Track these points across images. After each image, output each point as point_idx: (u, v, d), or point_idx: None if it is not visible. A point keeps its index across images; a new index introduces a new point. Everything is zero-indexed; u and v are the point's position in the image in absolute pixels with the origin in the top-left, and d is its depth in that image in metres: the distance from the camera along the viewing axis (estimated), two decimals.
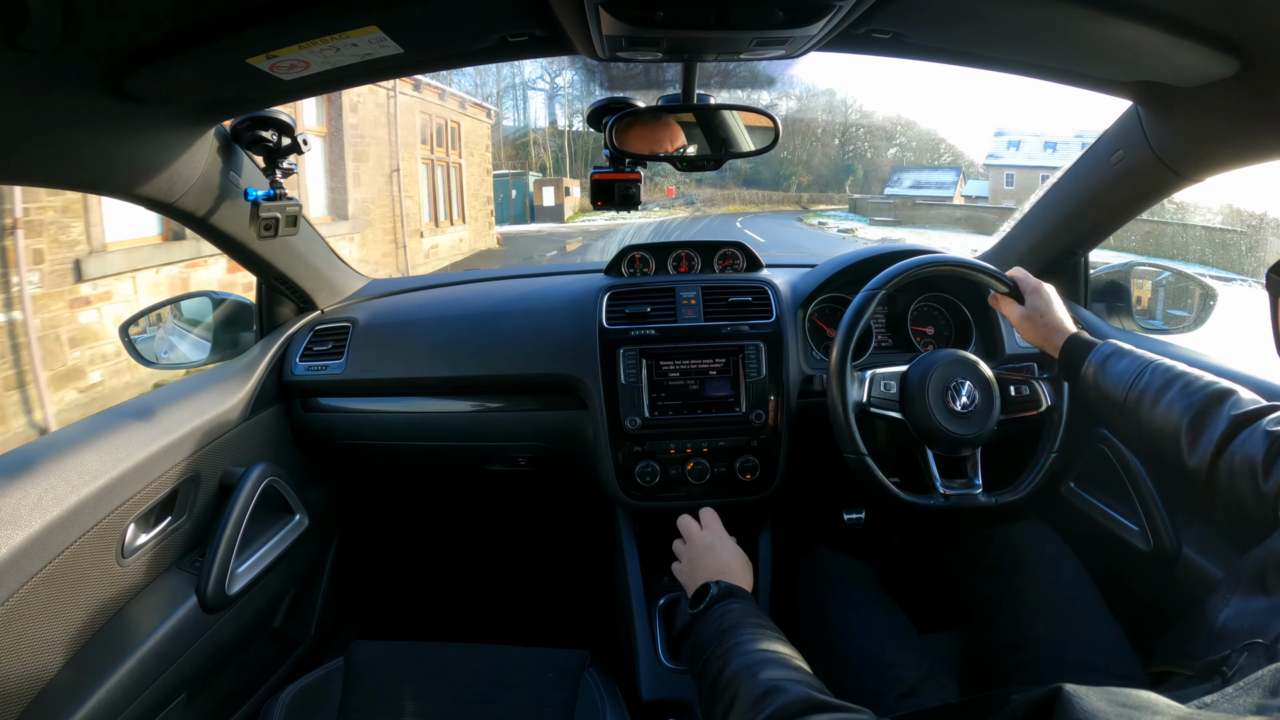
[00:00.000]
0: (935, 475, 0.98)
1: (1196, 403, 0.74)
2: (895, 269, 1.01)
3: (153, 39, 0.62)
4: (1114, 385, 0.82)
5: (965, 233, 17.76)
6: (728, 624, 0.67)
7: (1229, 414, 0.71)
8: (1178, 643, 0.62)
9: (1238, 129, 0.80)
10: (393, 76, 0.85)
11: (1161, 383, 0.78)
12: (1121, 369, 0.82)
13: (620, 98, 0.94)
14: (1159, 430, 0.77)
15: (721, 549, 0.86)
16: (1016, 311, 0.97)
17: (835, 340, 1.00)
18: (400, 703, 0.89)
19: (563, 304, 1.23)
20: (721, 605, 0.71)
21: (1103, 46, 0.74)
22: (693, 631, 0.72)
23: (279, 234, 0.99)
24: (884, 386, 1.01)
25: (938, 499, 0.97)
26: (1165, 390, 0.77)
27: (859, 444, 0.97)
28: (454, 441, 1.27)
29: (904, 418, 0.99)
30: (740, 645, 0.63)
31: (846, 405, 0.98)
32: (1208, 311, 1.18)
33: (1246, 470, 0.66)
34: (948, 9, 0.70)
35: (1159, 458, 0.77)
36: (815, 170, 39.71)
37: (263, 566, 1.02)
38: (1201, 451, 0.71)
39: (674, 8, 0.63)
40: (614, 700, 0.88)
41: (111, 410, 0.94)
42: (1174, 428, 0.74)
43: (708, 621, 0.70)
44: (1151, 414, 0.77)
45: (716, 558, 0.85)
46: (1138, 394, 0.79)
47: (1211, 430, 0.71)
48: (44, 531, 0.72)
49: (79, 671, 0.76)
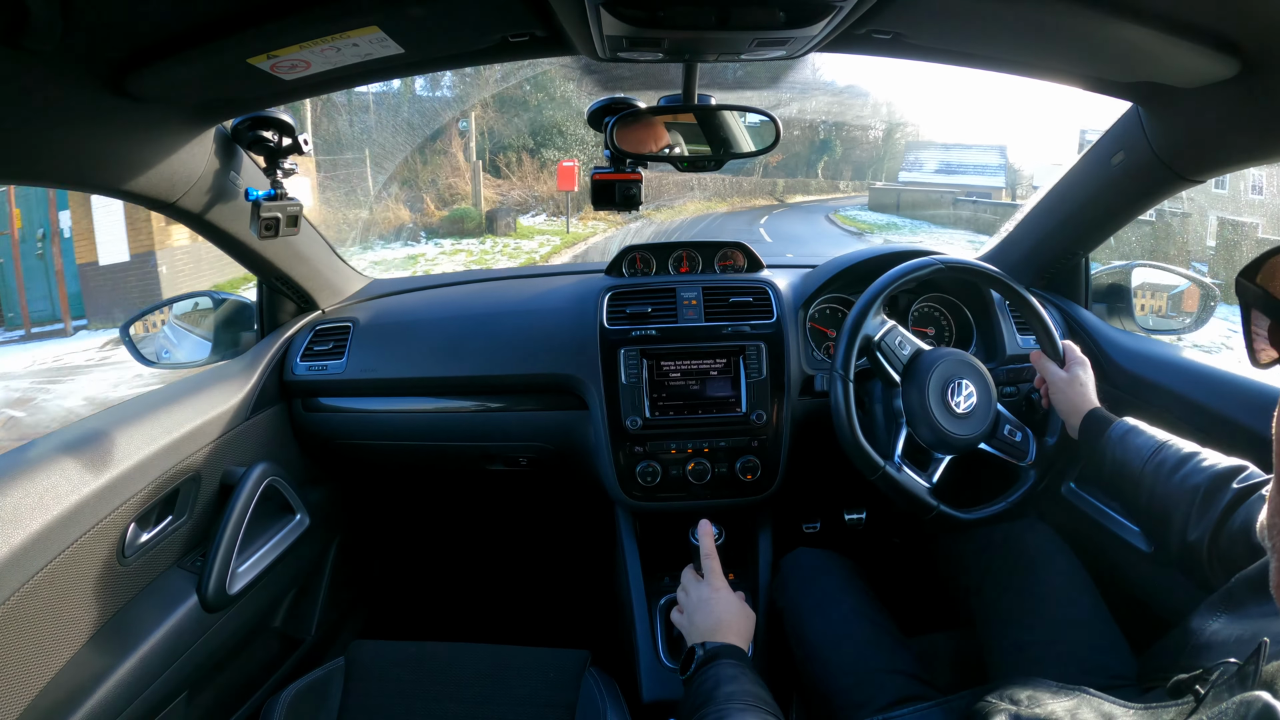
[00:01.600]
0: (898, 449, 0.98)
1: (1210, 477, 0.75)
2: (972, 265, 1.04)
3: (153, 39, 0.62)
4: (1132, 456, 0.84)
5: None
6: (703, 696, 0.70)
7: (1236, 487, 0.72)
8: (1165, 654, 0.63)
9: (1238, 129, 0.80)
10: (393, 76, 0.85)
11: (1178, 458, 0.80)
12: (1140, 443, 0.85)
13: (621, 98, 0.94)
14: (1173, 501, 0.78)
15: (716, 603, 0.86)
16: (1054, 374, 0.99)
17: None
18: (400, 703, 0.89)
19: (564, 304, 1.23)
20: (705, 670, 0.74)
21: (1103, 47, 0.74)
22: (684, 696, 0.75)
23: (280, 234, 0.99)
24: (899, 343, 1.01)
25: (889, 465, 0.96)
26: (1182, 465, 0.79)
27: (851, 364, 0.98)
28: (455, 442, 1.27)
29: (899, 384, 1.00)
30: (721, 715, 0.66)
31: (857, 330, 0.98)
32: (1208, 312, 1.19)
33: (1243, 533, 0.68)
34: (948, 9, 0.70)
35: (1165, 529, 0.79)
36: (785, 147, 26.37)
37: (263, 566, 1.02)
38: (1206, 523, 0.73)
39: (675, 8, 0.63)
40: (614, 700, 0.88)
41: (112, 410, 0.94)
42: (1187, 500, 0.76)
43: (693, 686, 0.73)
44: (1167, 485, 0.79)
45: (709, 613, 0.85)
46: (1154, 466, 0.81)
47: (1218, 502, 0.72)
48: (45, 531, 0.72)
49: (79, 671, 0.76)
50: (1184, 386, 1.01)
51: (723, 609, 0.85)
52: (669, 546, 1.16)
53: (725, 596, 0.87)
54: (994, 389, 1.01)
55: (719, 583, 0.89)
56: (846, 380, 0.97)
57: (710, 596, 0.87)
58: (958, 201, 18.12)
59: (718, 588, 0.88)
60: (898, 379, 1.00)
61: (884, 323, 1.02)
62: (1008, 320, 1.22)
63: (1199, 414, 0.96)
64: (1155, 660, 0.66)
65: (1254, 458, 0.76)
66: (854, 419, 0.97)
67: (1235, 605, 0.59)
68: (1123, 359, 1.12)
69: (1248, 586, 0.59)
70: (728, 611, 0.85)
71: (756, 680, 0.72)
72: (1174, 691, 0.52)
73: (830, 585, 0.96)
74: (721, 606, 0.85)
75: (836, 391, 0.97)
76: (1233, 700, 0.39)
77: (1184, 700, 0.49)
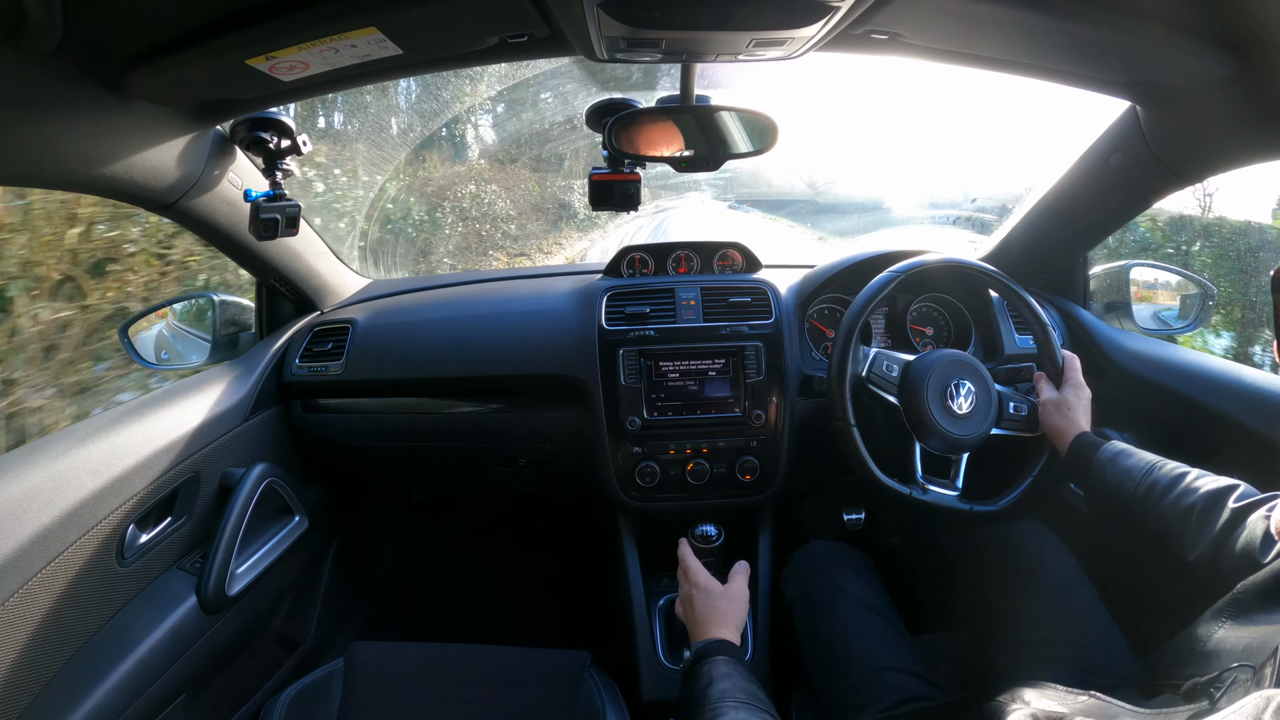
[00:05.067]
0: (918, 467, 0.98)
1: (1205, 496, 0.76)
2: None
3: (152, 40, 0.62)
4: (1124, 479, 0.84)
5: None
6: (696, 696, 0.70)
7: (1232, 506, 0.72)
8: (1171, 659, 0.63)
9: (1236, 129, 0.80)
10: (392, 77, 0.85)
11: (1170, 479, 0.80)
12: (1131, 465, 0.85)
13: (620, 98, 0.94)
14: (1169, 522, 0.78)
15: (696, 598, 0.87)
16: (1048, 393, 1.00)
17: (843, 320, 1.01)
18: (400, 703, 0.89)
19: (562, 305, 1.23)
20: (697, 669, 0.74)
21: (1101, 47, 0.74)
22: (679, 695, 0.76)
23: (279, 235, 0.99)
24: (886, 367, 1.01)
25: (916, 490, 0.97)
26: (1174, 485, 0.79)
27: (849, 412, 0.98)
28: (454, 442, 1.27)
29: (899, 405, 1.00)
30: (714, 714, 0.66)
31: (844, 374, 0.98)
32: (1207, 312, 1.19)
33: (1245, 553, 0.68)
34: (946, 10, 0.70)
35: (1162, 550, 0.79)
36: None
37: (263, 567, 1.02)
38: (1205, 542, 0.73)
39: (672, 9, 0.63)
40: (614, 700, 0.88)
41: (112, 410, 0.94)
42: (1183, 519, 0.76)
43: (686, 686, 0.74)
44: (1159, 506, 0.79)
45: (692, 610, 0.87)
46: (1147, 488, 0.82)
47: (1215, 521, 0.73)
48: (44, 531, 0.72)
49: (79, 671, 0.76)
50: (1182, 386, 1.01)
51: (701, 604, 0.86)
52: (669, 546, 1.16)
53: (704, 589, 0.88)
54: (989, 376, 1.01)
55: (698, 578, 0.90)
56: (850, 427, 0.98)
57: (690, 594, 0.88)
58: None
59: (696, 582, 0.89)
60: (896, 400, 1.00)
61: (866, 354, 1.02)
62: (1006, 320, 1.22)
63: (1197, 413, 0.96)
64: (1160, 665, 0.66)
65: (1252, 457, 0.76)
66: (871, 464, 0.97)
67: (1242, 612, 0.59)
68: (1121, 358, 1.12)
69: (1255, 594, 0.59)
70: (706, 606, 0.86)
71: (749, 677, 0.72)
72: (1187, 696, 0.52)
73: (844, 579, 0.95)
74: (701, 601, 0.87)
75: (849, 442, 0.98)
76: (1250, 698, 0.39)
77: (1198, 704, 0.49)
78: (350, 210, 3.45)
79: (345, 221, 3.36)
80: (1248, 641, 0.55)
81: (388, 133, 3.70)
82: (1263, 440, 0.86)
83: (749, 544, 1.20)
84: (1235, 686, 0.46)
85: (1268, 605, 0.57)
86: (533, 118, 5.08)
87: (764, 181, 9.50)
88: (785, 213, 9.11)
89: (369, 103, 3.64)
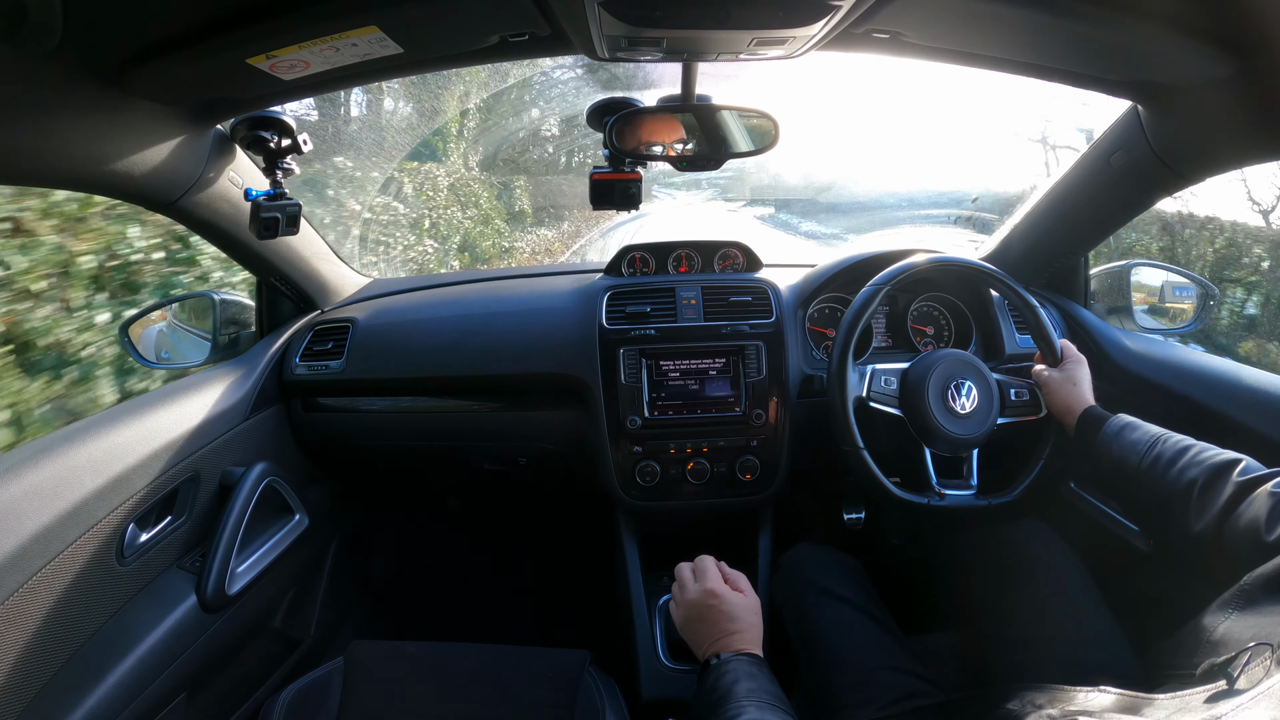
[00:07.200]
0: (932, 474, 0.98)
1: (1208, 470, 0.76)
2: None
3: (152, 39, 0.62)
4: (1128, 452, 0.85)
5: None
6: (722, 691, 0.67)
7: (1236, 480, 0.72)
8: (1176, 651, 0.63)
9: (1238, 128, 0.80)
10: (393, 76, 0.85)
11: (1174, 452, 0.80)
12: (1136, 438, 0.85)
13: (620, 98, 0.94)
14: (1170, 495, 0.78)
15: (725, 610, 0.77)
16: (1049, 373, 1.00)
17: (838, 333, 1.01)
18: (400, 703, 0.89)
19: (563, 304, 1.23)
20: (723, 666, 0.70)
21: (1103, 46, 0.74)
22: (696, 692, 0.72)
23: (279, 234, 0.99)
24: (884, 382, 1.01)
25: (933, 498, 0.97)
26: (1178, 459, 0.79)
27: (856, 437, 0.98)
28: (454, 441, 1.27)
29: (903, 415, 1.00)
30: (740, 710, 0.63)
31: (846, 399, 0.98)
32: (1208, 311, 1.18)
33: (1250, 530, 0.68)
34: (947, 9, 0.70)
35: (1166, 524, 0.79)
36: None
37: (263, 566, 1.02)
38: (1208, 516, 0.73)
39: (674, 8, 0.63)
40: (614, 700, 0.88)
41: (112, 410, 0.94)
42: (1184, 493, 0.76)
43: (707, 683, 0.70)
44: (1163, 479, 0.80)
45: (714, 623, 0.77)
46: (1150, 461, 0.82)
47: (1219, 495, 0.73)
48: (44, 531, 0.72)
49: (79, 671, 0.76)
50: (1183, 386, 1.01)
51: (728, 615, 0.76)
52: (668, 546, 1.16)
53: (728, 600, 0.78)
54: (985, 368, 1.01)
55: (716, 586, 0.79)
56: (860, 450, 0.98)
57: (706, 603, 0.78)
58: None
59: (715, 592, 0.78)
60: (899, 412, 1.00)
61: (862, 374, 1.02)
62: (1007, 320, 1.22)
63: (1198, 413, 0.96)
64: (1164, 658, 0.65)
65: (1253, 456, 0.76)
66: (888, 484, 0.97)
67: (1248, 602, 0.58)
68: (1122, 358, 1.12)
69: (1262, 584, 0.59)
70: (734, 619, 0.76)
71: (774, 680, 0.70)
72: (1203, 677, 0.52)
73: (831, 581, 0.95)
74: (727, 612, 0.76)
75: (862, 466, 0.98)
76: (1277, 678, 0.39)
77: (1215, 683, 0.49)
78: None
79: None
80: (1255, 633, 0.54)
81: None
82: (1263, 440, 0.86)
83: (749, 544, 1.20)
84: (1253, 664, 0.46)
85: (1274, 596, 0.56)
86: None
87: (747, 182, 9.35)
88: (786, 212, 9.06)
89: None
